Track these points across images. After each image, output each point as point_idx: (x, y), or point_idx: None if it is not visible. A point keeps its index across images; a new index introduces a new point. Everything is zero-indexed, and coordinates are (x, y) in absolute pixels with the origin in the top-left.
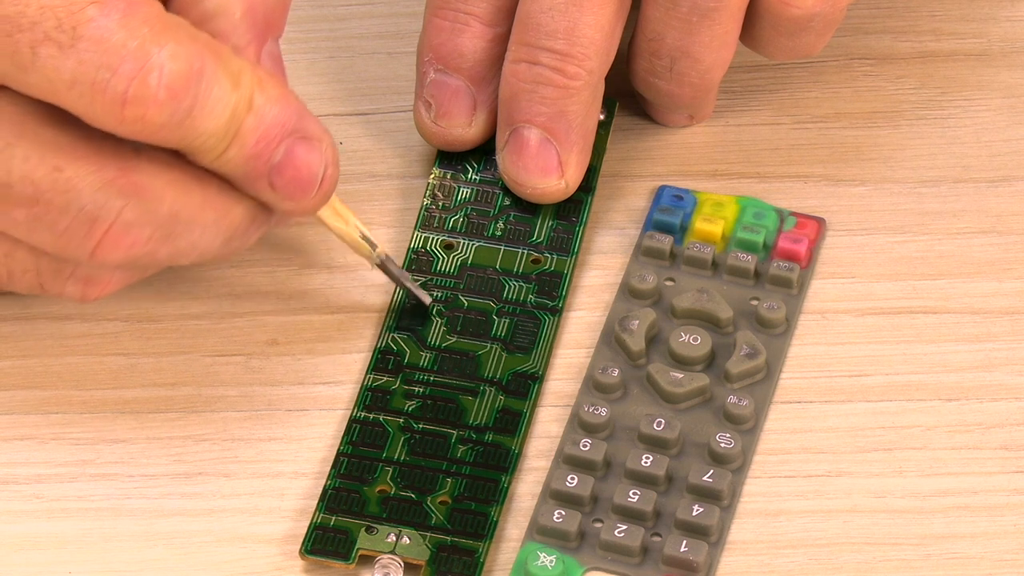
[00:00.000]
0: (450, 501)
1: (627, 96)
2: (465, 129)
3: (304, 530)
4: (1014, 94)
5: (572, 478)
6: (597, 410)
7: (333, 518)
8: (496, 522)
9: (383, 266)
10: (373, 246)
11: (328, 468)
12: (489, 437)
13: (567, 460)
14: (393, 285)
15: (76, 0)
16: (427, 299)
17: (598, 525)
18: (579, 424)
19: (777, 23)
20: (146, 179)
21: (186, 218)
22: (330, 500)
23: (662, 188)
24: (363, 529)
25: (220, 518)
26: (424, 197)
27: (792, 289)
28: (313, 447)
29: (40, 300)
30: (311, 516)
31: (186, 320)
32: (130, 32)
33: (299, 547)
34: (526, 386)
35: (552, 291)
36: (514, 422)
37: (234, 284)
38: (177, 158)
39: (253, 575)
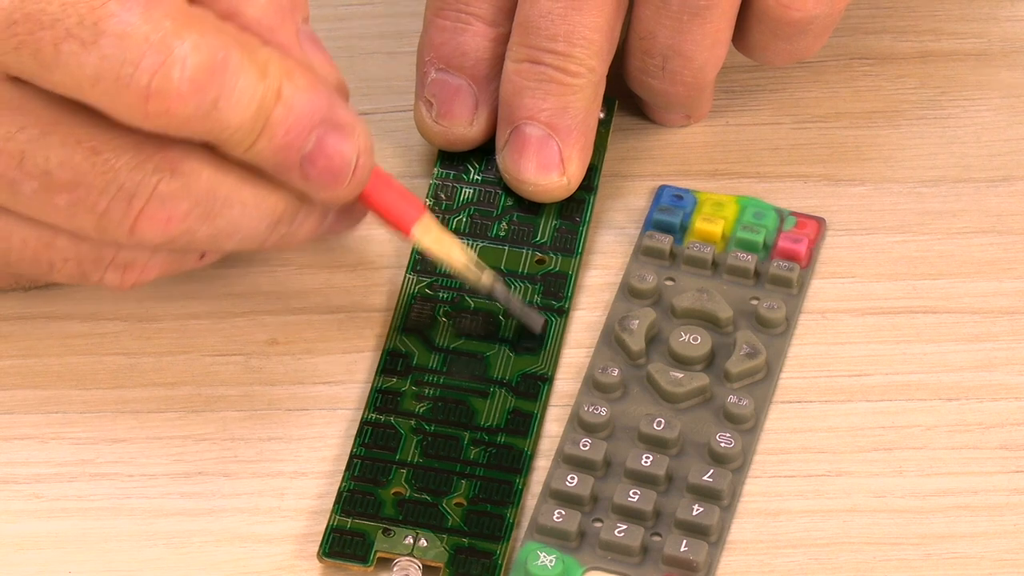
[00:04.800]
0: (465, 503)
1: (626, 96)
2: (467, 128)
3: (304, 530)
4: (1014, 94)
5: (572, 478)
6: (597, 410)
7: (349, 520)
8: (512, 524)
9: (491, 293)
10: (480, 273)
11: (328, 467)
12: (501, 439)
13: (567, 460)
14: (395, 284)
15: None
16: (538, 323)
17: (598, 525)
18: (579, 424)
19: (777, 27)
20: (181, 155)
21: (224, 194)
22: (345, 502)
23: (662, 188)
24: (380, 531)
25: (220, 518)
26: (426, 198)
27: (792, 289)
28: (313, 447)
29: (40, 300)
30: (327, 518)
31: (186, 320)
32: (152, 26)
33: (316, 550)
34: (536, 387)
35: (558, 292)
36: (525, 423)
37: (234, 284)
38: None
39: (253, 575)
